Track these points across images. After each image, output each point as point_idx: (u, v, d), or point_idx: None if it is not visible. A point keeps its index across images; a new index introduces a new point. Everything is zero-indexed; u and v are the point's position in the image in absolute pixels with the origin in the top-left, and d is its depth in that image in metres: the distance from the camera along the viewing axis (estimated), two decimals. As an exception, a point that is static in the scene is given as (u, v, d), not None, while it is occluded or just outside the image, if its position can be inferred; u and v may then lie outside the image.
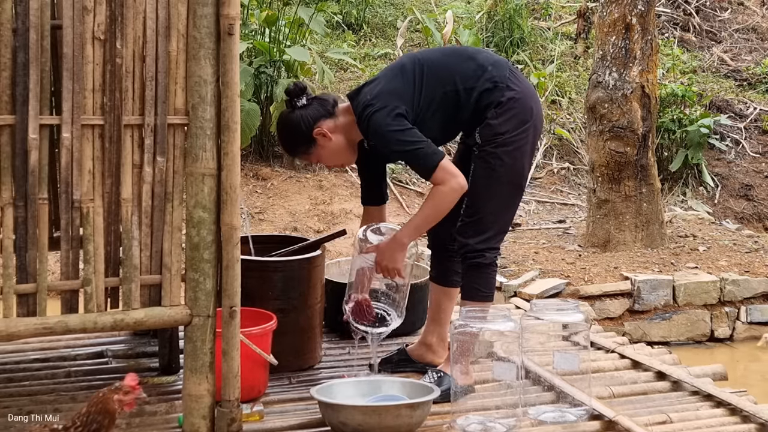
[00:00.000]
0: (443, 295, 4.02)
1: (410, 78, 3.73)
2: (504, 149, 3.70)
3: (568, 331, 3.58)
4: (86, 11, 2.92)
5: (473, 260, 3.74)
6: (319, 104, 3.83)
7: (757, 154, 9.93)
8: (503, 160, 3.71)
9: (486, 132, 3.71)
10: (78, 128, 2.95)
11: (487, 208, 3.73)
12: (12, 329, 2.93)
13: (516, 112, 3.72)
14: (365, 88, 3.78)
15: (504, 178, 3.73)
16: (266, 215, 8.08)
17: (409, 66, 3.78)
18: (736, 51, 11.63)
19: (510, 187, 3.78)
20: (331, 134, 3.78)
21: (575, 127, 9.96)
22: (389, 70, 3.86)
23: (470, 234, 3.73)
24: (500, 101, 3.70)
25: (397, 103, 3.67)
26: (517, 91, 3.74)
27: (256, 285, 3.78)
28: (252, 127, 7.73)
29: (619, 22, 7.31)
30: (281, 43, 8.44)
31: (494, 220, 3.77)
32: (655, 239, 7.39)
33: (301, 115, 3.78)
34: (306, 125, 3.77)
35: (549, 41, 11.15)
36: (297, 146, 3.85)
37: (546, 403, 3.65)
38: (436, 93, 3.73)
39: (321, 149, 3.80)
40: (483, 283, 3.77)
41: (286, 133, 3.86)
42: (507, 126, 3.70)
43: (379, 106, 3.65)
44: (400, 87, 3.71)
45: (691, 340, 6.66)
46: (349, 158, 3.90)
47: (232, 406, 3.11)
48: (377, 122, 3.65)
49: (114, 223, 3.03)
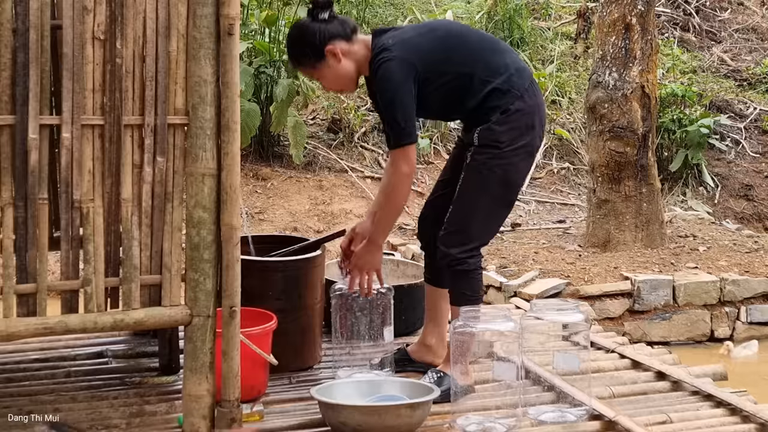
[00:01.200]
0: (439, 295, 4.01)
1: (438, 43, 3.69)
2: (498, 162, 3.66)
3: (568, 331, 3.58)
4: (86, 11, 2.92)
5: (456, 268, 3.72)
6: (339, 24, 3.73)
7: (757, 154, 9.94)
8: (496, 173, 3.67)
9: (486, 135, 3.67)
10: (78, 128, 2.95)
11: (473, 219, 3.70)
12: (12, 329, 2.93)
13: (519, 125, 3.68)
14: (391, 32, 3.73)
15: (495, 192, 3.70)
16: (266, 215, 8.08)
17: (442, 32, 3.75)
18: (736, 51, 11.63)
19: (500, 201, 3.75)
20: (342, 57, 3.70)
21: (575, 127, 9.96)
22: (423, 26, 3.86)
23: (453, 244, 3.70)
24: (508, 108, 3.66)
25: (414, 60, 3.61)
26: (527, 104, 3.69)
27: (256, 285, 3.78)
28: (252, 127, 7.72)
29: (619, 22, 7.31)
30: (281, 43, 8.44)
31: (479, 233, 3.74)
32: (655, 239, 7.38)
33: (319, 27, 3.68)
34: (321, 39, 3.68)
35: (549, 41, 11.15)
36: (304, 57, 3.73)
37: (546, 403, 3.65)
38: (453, 69, 3.67)
39: (327, 68, 3.72)
40: (469, 288, 3.75)
41: (299, 42, 3.74)
42: (507, 136, 3.66)
43: (396, 56, 3.60)
44: (424, 46, 3.67)
45: (691, 340, 6.66)
46: (350, 87, 3.83)
47: (232, 406, 3.11)
48: (388, 71, 3.59)
49: (114, 223, 3.03)
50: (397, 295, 4.06)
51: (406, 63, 3.60)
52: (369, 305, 3.86)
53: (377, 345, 3.91)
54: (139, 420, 3.42)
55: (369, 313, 3.89)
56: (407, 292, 4.45)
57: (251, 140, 8.09)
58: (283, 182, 8.51)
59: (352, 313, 3.89)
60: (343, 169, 8.79)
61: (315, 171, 8.71)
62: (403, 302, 4.41)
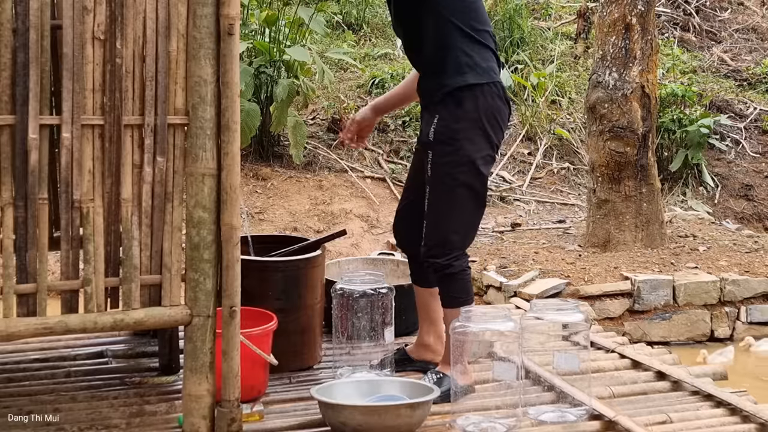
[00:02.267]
0: (428, 295, 4.02)
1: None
2: (460, 170, 3.63)
3: (568, 331, 3.58)
4: (86, 11, 2.92)
5: (444, 272, 3.73)
6: None
7: (757, 154, 9.94)
8: (457, 179, 3.65)
9: (443, 131, 3.63)
10: (78, 128, 2.94)
11: (448, 230, 3.70)
12: (12, 329, 2.93)
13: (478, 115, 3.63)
14: None
15: (461, 198, 3.68)
16: (266, 215, 8.08)
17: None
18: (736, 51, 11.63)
19: (468, 204, 3.72)
20: None
21: (575, 127, 9.96)
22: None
23: (434, 255, 3.70)
24: (471, 84, 3.61)
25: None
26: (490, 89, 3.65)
27: (256, 285, 3.78)
28: (252, 127, 7.73)
29: (619, 22, 7.31)
30: (281, 43, 8.44)
31: (459, 236, 3.73)
32: (655, 239, 7.38)
33: None
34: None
35: (549, 41, 11.15)
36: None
37: (546, 403, 3.65)
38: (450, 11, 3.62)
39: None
40: (458, 290, 3.75)
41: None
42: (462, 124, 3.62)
43: None
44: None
45: (691, 340, 6.66)
46: None
47: (232, 406, 3.11)
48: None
49: (114, 223, 3.03)
50: (397, 295, 4.06)
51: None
52: (370, 305, 3.86)
53: (378, 345, 3.92)
54: (139, 420, 3.42)
55: (370, 313, 3.89)
56: (407, 292, 4.45)
57: (251, 140, 8.09)
58: (283, 182, 8.51)
59: (353, 313, 3.89)
60: (343, 169, 8.79)
61: (315, 171, 8.71)
62: (403, 302, 4.40)
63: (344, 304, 3.90)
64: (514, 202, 8.94)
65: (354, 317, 3.89)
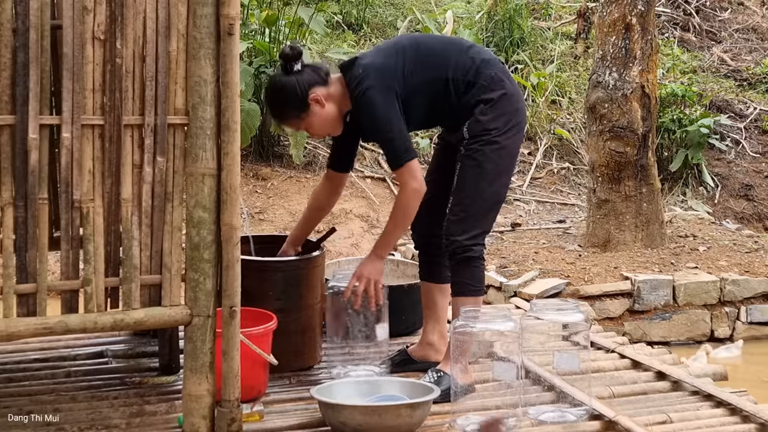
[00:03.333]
0: (437, 291, 4.03)
1: (406, 58, 3.76)
2: (491, 147, 3.74)
3: (568, 331, 3.58)
4: (86, 11, 2.92)
5: (462, 255, 3.75)
6: (313, 71, 3.79)
7: (757, 154, 9.93)
8: (490, 158, 3.74)
9: (475, 127, 3.75)
10: (78, 128, 2.94)
11: (474, 205, 3.76)
12: (12, 329, 2.93)
13: (505, 110, 3.78)
14: (361, 61, 3.77)
15: (491, 176, 3.76)
16: (266, 215, 8.08)
17: (408, 46, 3.82)
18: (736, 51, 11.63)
19: (496, 185, 3.81)
20: (325, 101, 3.76)
21: (575, 127, 9.96)
22: (386, 47, 3.89)
23: (458, 231, 3.75)
24: (491, 98, 3.75)
25: (391, 82, 3.69)
26: (508, 90, 3.80)
27: (256, 285, 3.78)
28: (252, 127, 7.72)
29: (619, 22, 7.31)
30: (281, 43, 8.44)
31: (481, 217, 3.80)
32: (655, 239, 7.38)
33: (296, 79, 3.73)
34: (301, 90, 3.73)
35: (549, 41, 11.15)
36: (289, 111, 3.79)
37: (546, 403, 3.65)
38: (427, 77, 3.76)
39: (313, 116, 3.77)
40: (472, 278, 3.78)
41: (280, 97, 3.79)
42: (496, 123, 3.75)
43: (374, 84, 3.67)
44: (393, 65, 3.74)
45: (691, 340, 6.66)
46: (337, 128, 3.86)
47: (232, 406, 3.11)
48: (371, 99, 3.67)
49: (114, 223, 3.03)
50: (397, 295, 4.06)
51: (384, 88, 3.68)
52: (364, 304, 3.86)
53: (371, 343, 3.92)
54: (139, 420, 3.42)
55: (363, 311, 3.89)
56: (407, 292, 4.45)
57: (251, 140, 8.09)
58: (283, 182, 8.50)
59: (346, 311, 3.89)
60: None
61: (315, 171, 8.71)
62: (403, 302, 4.41)
63: (338, 302, 3.90)
64: (514, 202, 8.94)
65: (347, 315, 3.90)
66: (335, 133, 3.90)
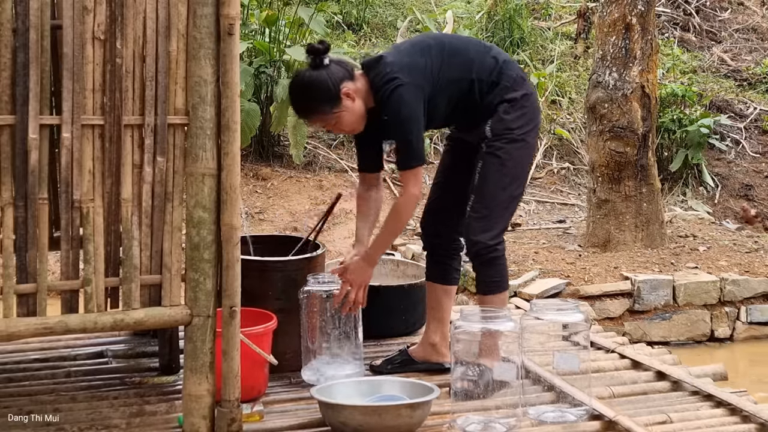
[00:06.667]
0: (443, 293, 4.03)
1: (433, 57, 3.76)
2: (515, 145, 3.79)
3: (568, 331, 3.58)
4: (86, 11, 2.92)
5: (487, 255, 3.78)
6: (341, 66, 3.75)
7: (757, 154, 9.93)
8: (512, 156, 3.79)
9: (498, 126, 3.78)
10: (78, 128, 2.95)
11: (496, 203, 3.79)
12: (12, 329, 2.93)
13: (527, 110, 3.83)
14: (387, 59, 3.75)
15: (512, 173, 3.81)
16: (266, 215, 8.08)
17: (434, 45, 3.82)
18: (736, 51, 11.62)
19: (517, 183, 3.86)
20: (354, 96, 3.72)
21: (575, 127, 9.96)
22: (412, 45, 3.88)
23: (480, 231, 3.77)
24: (514, 98, 3.80)
25: (421, 81, 3.70)
26: (528, 90, 3.87)
27: (256, 285, 3.78)
28: (252, 127, 7.72)
29: (619, 22, 7.31)
30: (281, 43, 8.44)
31: (502, 215, 3.84)
32: (655, 239, 7.38)
33: (327, 73, 3.67)
34: (333, 84, 3.68)
35: (549, 41, 11.15)
36: (320, 105, 3.70)
37: (546, 403, 3.65)
38: (453, 77, 3.77)
39: (344, 111, 3.71)
40: (499, 274, 3.83)
41: (310, 92, 3.71)
42: (518, 122, 3.80)
43: (405, 81, 3.67)
44: (422, 64, 3.74)
45: (691, 340, 6.65)
46: (361, 125, 3.82)
47: (232, 406, 3.11)
48: (401, 96, 3.65)
49: (114, 223, 3.03)
50: (397, 295, 4.05)
51: (414, 86, 3.68)
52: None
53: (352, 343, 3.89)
54: (139, 420, 3.42)
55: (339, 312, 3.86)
56: (407, 293, 4.45)
57: (251, 140, 8.09)
58: (283, 182, 8.50)
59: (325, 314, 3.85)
60: (343, 169, 8.79)
61: (315, 171, 8.71)
62: (404, 302, 4.41)
63: (313, 304, 3.86)
64: (514, 202, 8.93)
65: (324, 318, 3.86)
66: (359, 130, 3.84)
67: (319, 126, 3.96)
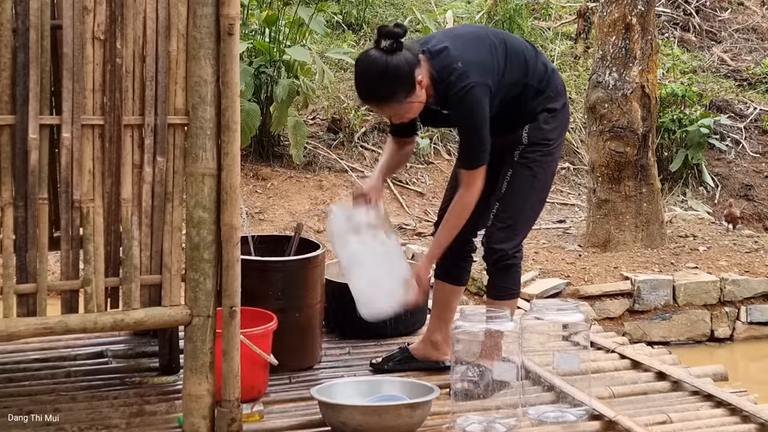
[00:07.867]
0: (451, 292, 4.02)
1: (499, 57, 3.67)
2: (546, 159, 3.79)
3: (568, 331, 3.58)
4: (86, 11, 2.92)
5: (505, 263, 3.79)
6: (409, 50, 3.51)
7: (757, 154, 9.93)
8: (544, 169, 3.79)
9: (536, 134, 3.76)
10: (78, 128, 2.94)
11: (522, 214, 3.80)
12: (12, 329, 2.93)
13: (563, 122, 3.86)
14: (452, 52, 3.58)
15: (540, 185, 3.82)
16: (266, 215, 8.08)
17: (498, 44, 3.70)
18: (736, 51, 11.63)
19: (542, 195, 3.89)
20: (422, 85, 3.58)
21: (575, 127, 9.96)
22: (478, 39, 3.69)
23: (503, 239, 3.77)
24: (555, 108, 3.79)
25: (491, 81, 3.62)
26: (566, 102, 3.87)
27: (256, 285, 3.78)
28: (252, 127, 7.72)
29: (619, 22, 7.31)
30: (281, 43, 8.44)
31: (525, 227, 3.87)
32: (655, 239, 7.38)
33: (403, 58, 3.46)
34: (410, 70, 3.48)
35: (549, 41, 11.15)
36: (397, 94, 3.50)
37: (546, 403, 3.65)
38: (512, 80, 3.70)
39: (415, 99, 3.55)
40: (512, 282, 3.84)
41: (389, 78, 3.48)
42: (554, 134, 3.80)
43: (479, 81, 3.56)
44: (491, 63, 3.64)
45: (691, 340, 6.66)
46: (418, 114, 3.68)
47: (232, 406, 3.11)
48: (475, 96, 3.55)
49: (114, 223, 3.03)
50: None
51: (485, 86, 3.60)
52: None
53: None
54: (139, 420, 3.42)
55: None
56: (407, 292, 4.44)
57: (251, 140, 8.09)
58: (283, 182, 8.50)
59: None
60: (343, 169, 8.79)
61: (315, 171, 8.71)
62: (403, 302, 4.39)
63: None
64: (514, 202, 8.93)
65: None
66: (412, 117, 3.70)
67: (386, 114, 3.74)
